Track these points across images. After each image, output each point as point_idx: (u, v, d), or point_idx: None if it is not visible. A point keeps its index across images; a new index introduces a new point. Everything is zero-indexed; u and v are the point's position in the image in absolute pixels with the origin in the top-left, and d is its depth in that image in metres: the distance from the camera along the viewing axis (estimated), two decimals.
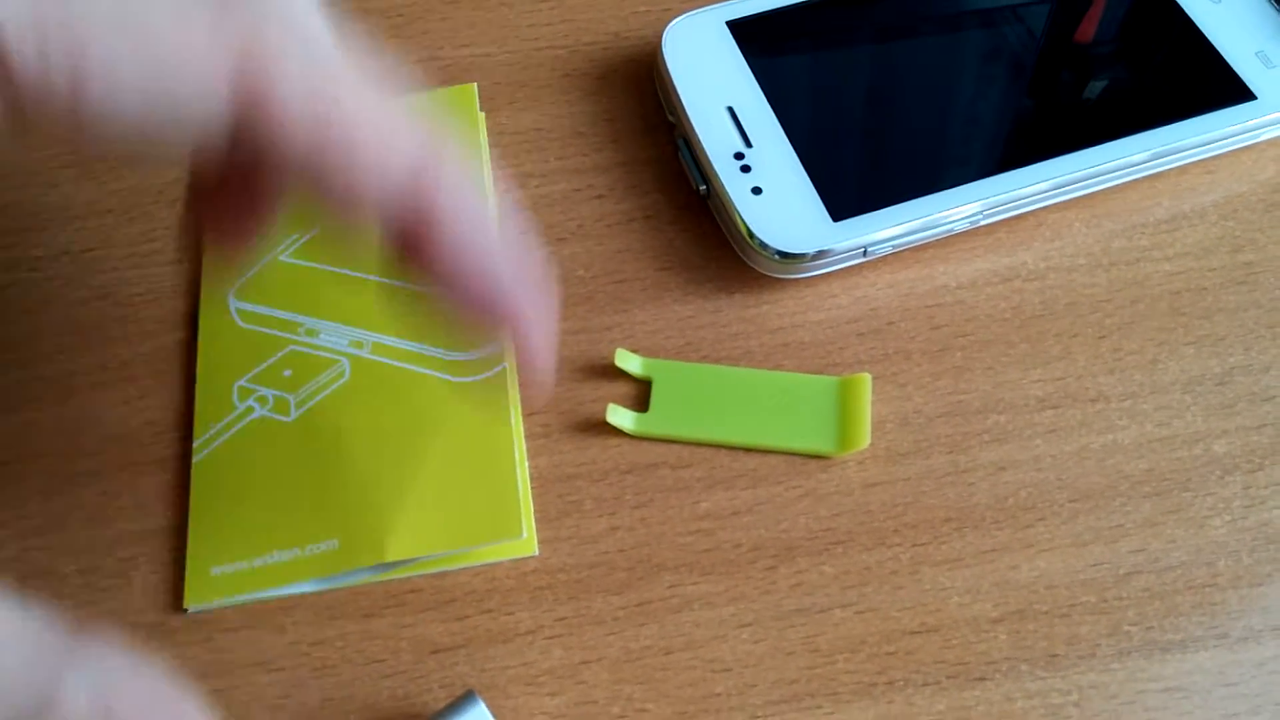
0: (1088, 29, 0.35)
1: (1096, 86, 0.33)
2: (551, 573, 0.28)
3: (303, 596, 0.27)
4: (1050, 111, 0.33)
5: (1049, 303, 0.31)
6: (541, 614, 0.27)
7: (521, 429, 0.29)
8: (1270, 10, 0.34)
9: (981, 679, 0.26)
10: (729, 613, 0.27)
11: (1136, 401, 0.30)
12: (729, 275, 0.32)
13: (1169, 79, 0.33)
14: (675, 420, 0.29)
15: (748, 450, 0.29)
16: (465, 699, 0.25)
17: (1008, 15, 0.35)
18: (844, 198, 0.31)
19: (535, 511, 0.28)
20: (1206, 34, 0.34)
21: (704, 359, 0.31)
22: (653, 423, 0.29)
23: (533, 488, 0.29)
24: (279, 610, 0.27)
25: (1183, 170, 0.33)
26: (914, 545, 0.28)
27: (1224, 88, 0.33)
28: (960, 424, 0.29)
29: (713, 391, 0.30)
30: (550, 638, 0.27)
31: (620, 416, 0.29)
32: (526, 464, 0.29)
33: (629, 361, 0.30)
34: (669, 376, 0.30)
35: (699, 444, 0.29)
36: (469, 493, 0.27)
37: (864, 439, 0.29)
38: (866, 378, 0.29)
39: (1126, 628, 0.27)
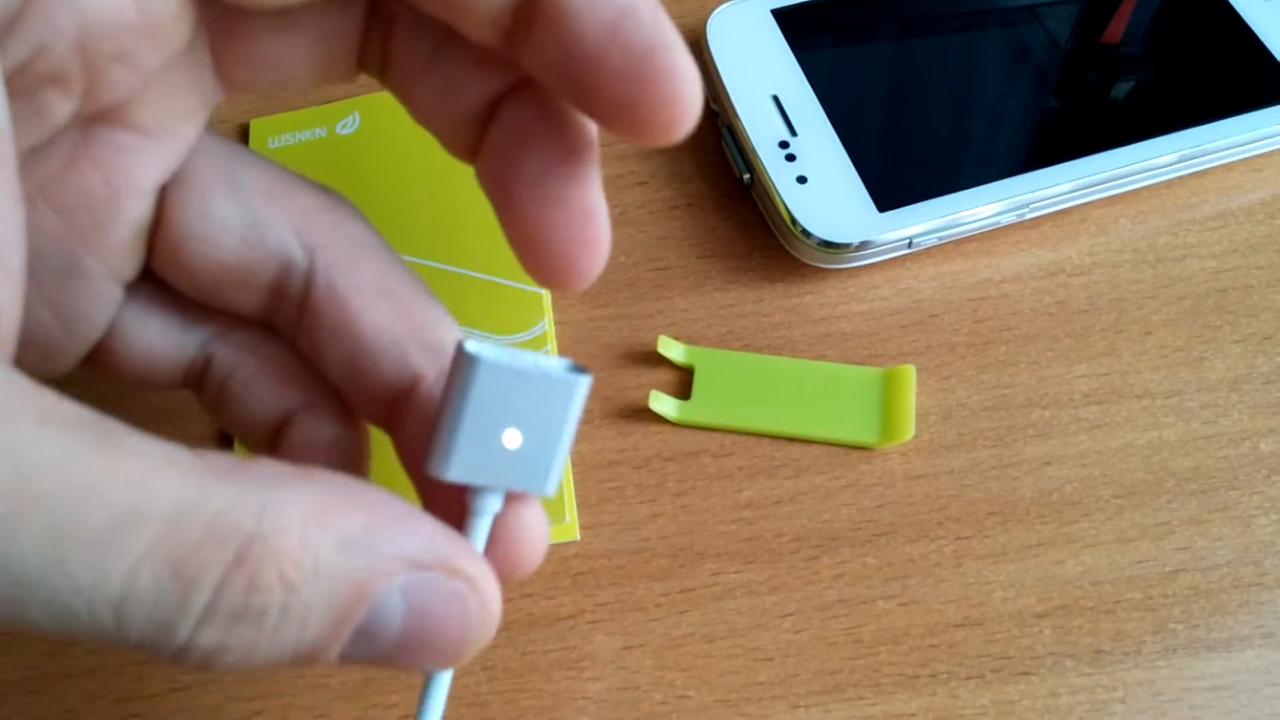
0: (1150, 29, 0.35)
1: (1145, 82, 0.33)
2: (593, 558, 0.28)
3: None
4: (1098, 107, 0.33)
5: (1094, 298, 0.31)
6: (583, 599, 0.27)
7: None
8: None
9: (1026, 673, 0.26)
10: (771, 602, 0.27)
11: (1182, 399, 0.29)
12: (771, 264, 0.32)
13: (1218, 75, 0.33)
14: (718, 408, 0.29)
15: (790, 440, 0.29)
16: (466, 367, 0.18)
17: (1057, 9, 0.35)
18: (889, 188, 0.31)
19: (577, 497, 0.28)
20: (1256, 31, 0.33)
21: (745, 347, 0.30)
22: (695, 410, 0.29)
23: (574, 474, 0.29)
24: None
25: (1229, 167, 0.33)
26: (957, 538, 0.28)
27: (1273, 84, 0.32)
28: (1004, 418, 0.29)
29: (755, 380, 0.29)
30: (592, 623, 0.27)
31: (663, 404, 0.29)
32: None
33: (672, 349, 0.30)
34: (712, 364, 0.30)
35: (741, 433, 0.29)
36: None
37: (908, 431, 0.28)
38: (911, 369, 0.29)
39: (1172, 625, 0.26)
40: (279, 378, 0.22)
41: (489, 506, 0.19)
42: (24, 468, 0.14)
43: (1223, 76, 0.33)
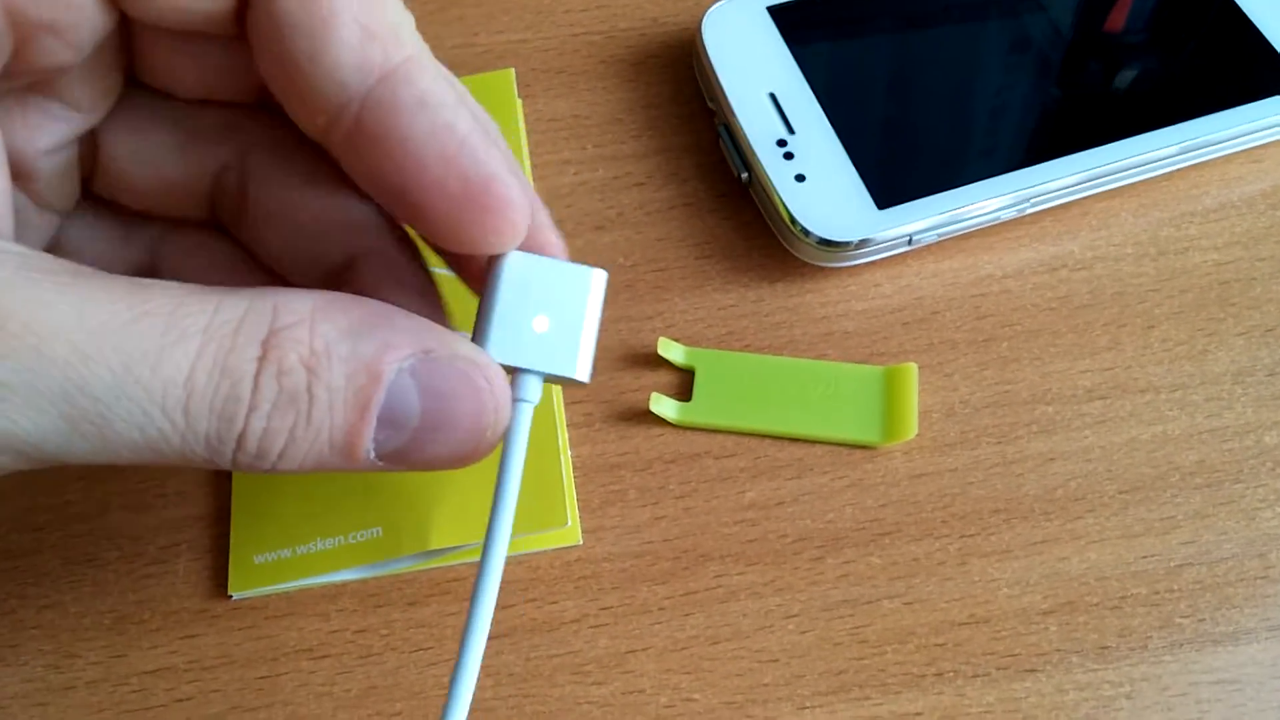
0: (1149, 21, 0.34)
1: (1144, 74, 0.33)
2: (596, 562, 0.27)
3: (347, 584, 0.27)
4: (1096, 100, 0.33)
5: (1096, 292, 0.31)
6: (586, 603, 0.27)
7: (564, 418, 0.29)
8: None
9: (1032, 670, 0.26)
10: (775, 603, 0.27)
11: (1186, 392, 0.29)
12: (771, 263, 0.32)
13: (1216, 67, 0.33)
14: (719, 410, 0.29)
15: (793, 440, 0.29)
16: (494, 265, 0.21)
17: (1051, 2, 0.35)
18: (888, 185, 0.31)
19: (579, 501, 0.28)
20: (1256, 22, 0.33)
21: (746, 348, 0.30)
22: (696, 412, 0.29)
23: (576, 477, 0.28)
24: (323, 598, 0.27)
25: (1229, 159, 0.33)
26: (962, 536, 0.27)
27: (1273, 76, 0.32)
28: (1007, 414, 0.29)
29: (756, 381, 0.29)
30: (595, 626, 0.27)
31: (664, 406, 0.29)
32: (569, 453, 0.29)
33: (672, 350, 0.30)
34: (712, 365, 0.30)
35: (743, 434, 0.29)
36: None
37: (911, 429, 0.28)
38: (913, 367, 0.29)
39: (1178, 620, 0.26)
40: (225, 271, 0.24)
41: (530, 393, 0.21)
42: (86, 311, 0.17)
43: (1222, 68, 0.33)
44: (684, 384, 0.30)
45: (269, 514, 0.27)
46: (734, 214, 0.32)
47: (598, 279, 0.22)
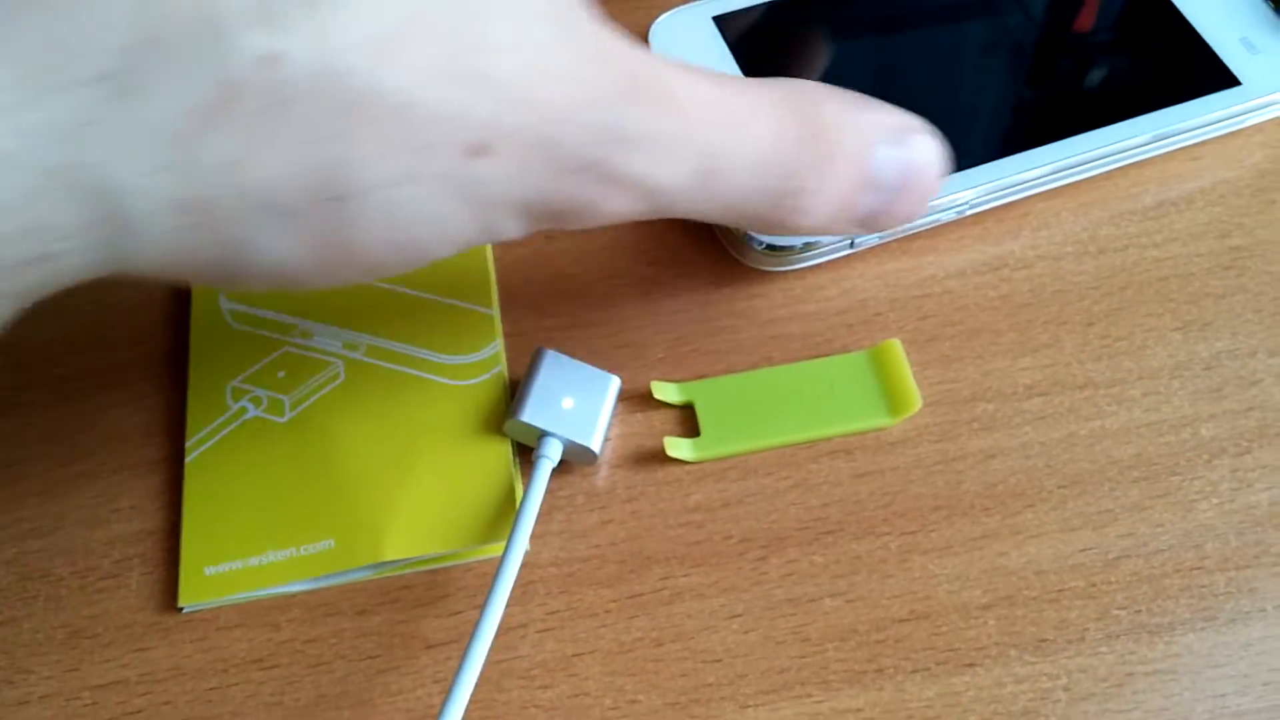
0: (1083, 19, 0.35)
1: (1083, 74, 0.33)
2: (543, 567, 0.28)
3: (296, 595, 0.28)
4: (1037, 100, 0.33)
5: (1037, 290, 0.31)
6: (533, 608, 0.27)
7: None
8: None
9: (971, 665, 0.26)
10: (719, 604, 0.27)
11: (1124, 388, 0.30)
12: (718, 269, 0.32)
13: (1154, 66, 0.33)
14: (730, 436, 0.29)
15: (811, 444, 0.29)
16: (536, 355, 0.29)
17: (993, 5, 0.35)
18: None
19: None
20: (1191, 20, 0.34)
21: (694, 352, 0.31)
22: (710, 445, 0.29)
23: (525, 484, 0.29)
24: (273, 608, 0.27)
25: (1169, 157, 0.33)
26: (903, 534, 0.28)
27: (1209, 74, 0.33)
28: (948, 413, 0.29)
29: (755, 397, 0.30)
30: (542, 631, 0.27)
31: (679, 448, 0.29)
32: (519, 464, 0.29)
33: (666, 391, 0.30)
34: (709, 394, 0.30)
35: (760, 452, 0.29)
36: (464, 493, 0.28)
37: (915, 401, 0.29)
38: (896, 343, 0.30)
39: (1115, 611, 0.27)
40: None
41: (551, 452, 0.28)
42: (711, 91, 0.22)
43: (1161, 67, 0.33)
44: (686, 419, 0.30)
45: (219, 526, 0.28)
46: (680, 221, 0.33)
47: (615, 383, 0.29)
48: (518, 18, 0.19)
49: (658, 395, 0.29)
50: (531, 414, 0.28)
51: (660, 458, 0.29)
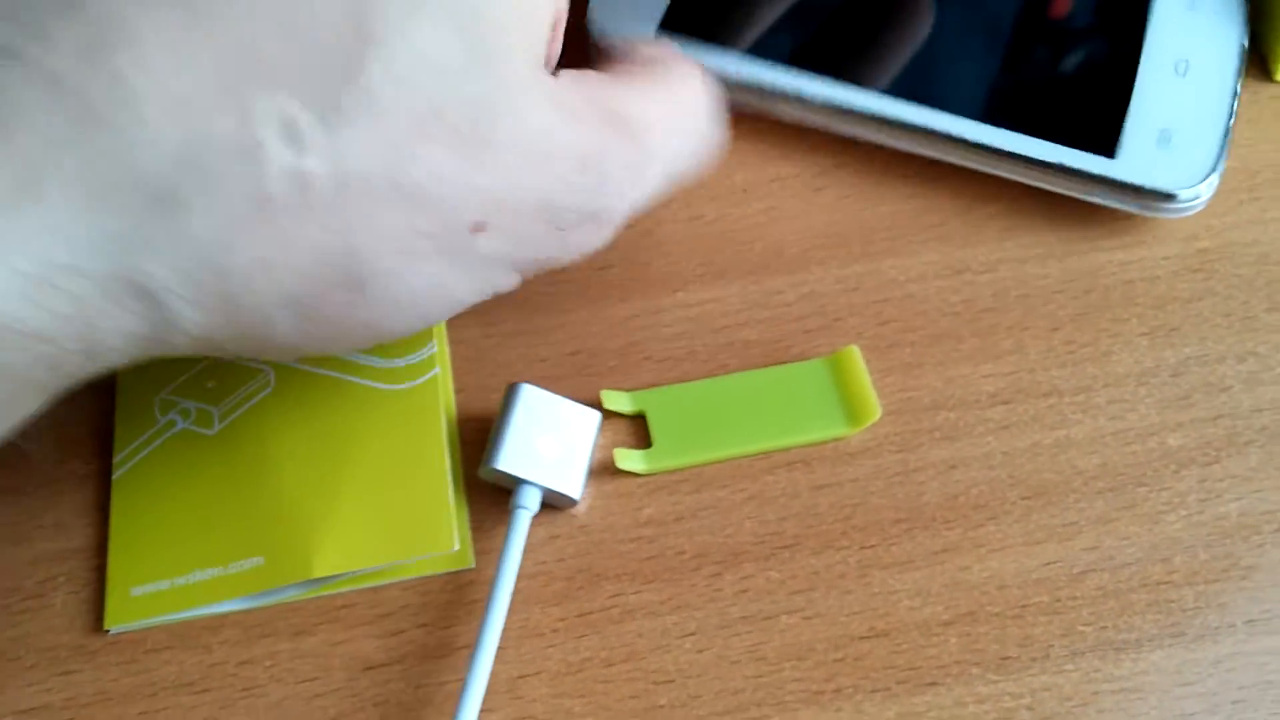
0: (1059, 6, 0.33)
1: (998, 62, 0.32)
2: (489, 584, 0.27)
3: (229, 615, 0.26)
4: (941, 65, 0.32)
5: (1000, 295, 0.30)
6: (479, 627, 0.26)
7: (457, 438, 0.28)
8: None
9: (933, 684, 0.25)
10: (672, 622, 0.26)
11: (1090, 395, 0.29)
12: (670, 274, 0.31)
13: (1056, 91, 0.31)
14: (683, 447, 0.28)
15: (768, 455, 0.28)
16: (511, 391, 0.27)
17: None
18: None
19: (473, 522, 0.27)
20: (1138, 77, 0.31)
21: (647, 359, 0.30)
22: (662, 456, 0.28)
23: (470, 498, 0.28)
24: (205, 629, 0.26)
25: None
26: (862, 548, 0.27)
27: (1093, 133, 0.30)
28: (909, 422, 0.29)
29: (710, 406, 0.28)
30: None
31: (631, 460, 0.28)
32: (462, 474, 0.28)
33: (617, 400, 0.29)
34: (662, 403, 0.29)
35: (713, 464, 0.28)
36: (399, 505, 0.26)
37: (874, 410, 0.28)
38: (854, 350, 0.29)
39: (1080, 628, 0.26)
40: None
41: (529, 502, 0.26)
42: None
43: (1058, 96, 0.31)
44: (636, 430, 0.29)
45: (146, 544, 0.26)
46: (630, 224, 0.32)
47: (595, 419, 0.28)
48: (514, 109, 0.21)
49: (608, 405, 0.28)
50: (508, 461, 0.26)
51: (610, 470, 0.28)
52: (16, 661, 0.26)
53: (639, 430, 0.29)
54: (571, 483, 0.27)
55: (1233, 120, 0.31)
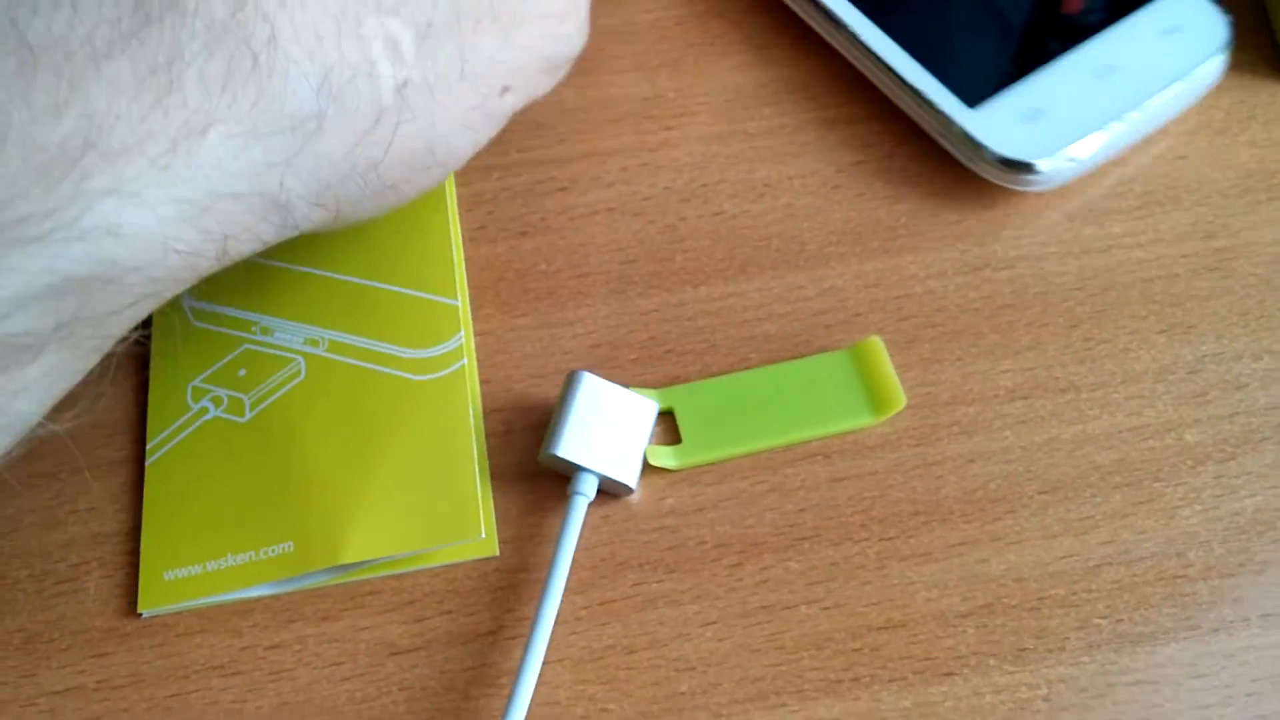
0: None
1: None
2: (513, 572, 0.27)
3: (259, 599, 0.27)
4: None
5: (1019, 292, 0.31)
6: (503, 614, 0.27)
7: (482, 428, 0.29)
8: None
9: (949, 674, 0.26)
10: (693, 611, 0.27)
11: (1108, 391, 0.29)
12: (691, 269, 0.31)
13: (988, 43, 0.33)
14: (712, 442, 0.28)
15: (789, 447, 0.29)
16: (571, 379, 0.28)
17: None
18: None
19: (497, 511, 0.28)
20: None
21: (669, 353, 0.30)
22: (693, 452, 0.28)
23: (494, 487, 0.28)
24: (235, 613, 0.27)
25: (1158, 157, 0.32)
26: (881, 540, 0.27)
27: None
28: (928, 416, 0.29)
29: (736, 400, 0.29)
30: (512, 638, 0.26)
31: (663, 456, 0.28)
32: (488, 463, 0.28)
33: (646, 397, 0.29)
34: (689, 400, 0.29)
35: (742, 457, 0.28)
36: (426, 493, 0.27)
37: (899, 399, 0.28)
38: (877, 340, 0.29)
39: (1096, 620, 0.26)
40: None
41: (587, 489, 0.27)
42: None
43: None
44: (662, 423, 0.29)
45: (179, 529, 0.27)
46: (654, 220, 0.32)
47: (652, 408, 0.28)
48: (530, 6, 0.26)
49: None
50: (567, 448, 0.27)
51: None
52: (50, 644, 0.27)
53: (666, 425, 0.29)
54: (629, 471, 0.27)
55: (1131, 139, 0.32)
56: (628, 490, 0.27)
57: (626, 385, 0.29)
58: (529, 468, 0.28)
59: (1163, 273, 0.31)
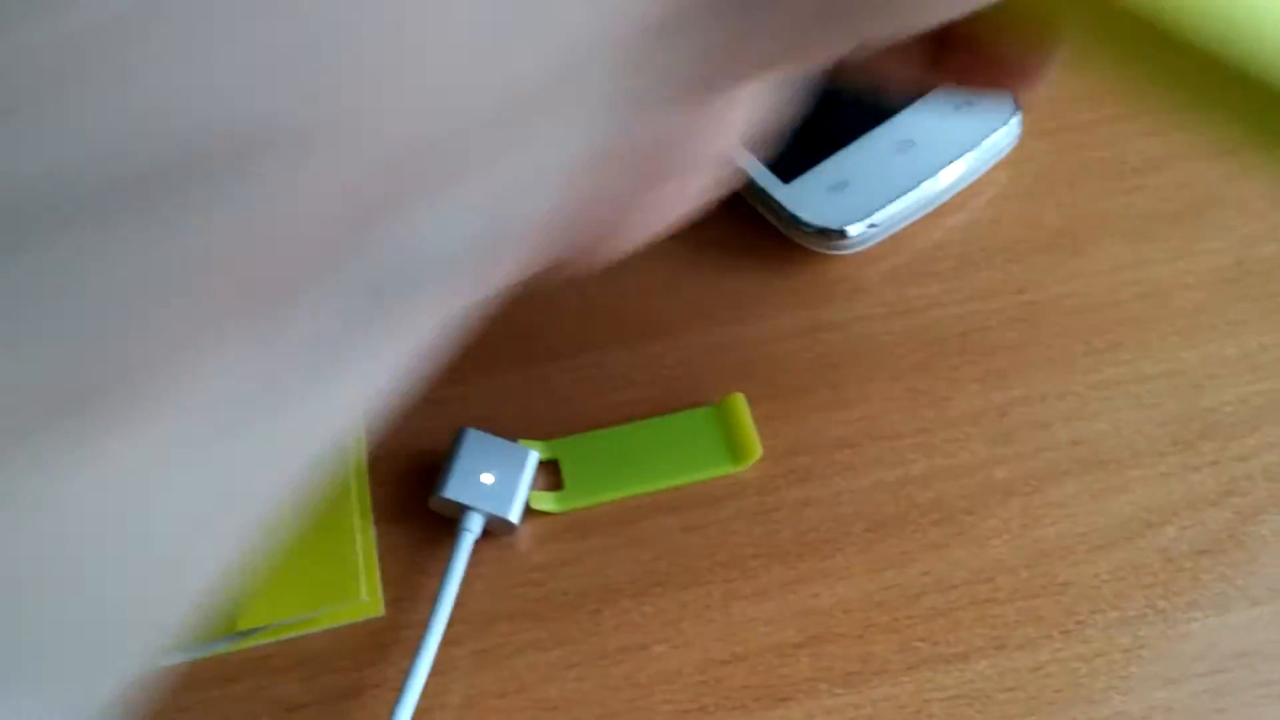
0: None
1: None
2: (398, 629, 0.30)
3: (165, 667, 0.30)
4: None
5: (849, 350, 0.34)
6: (388, 668, 0.30)
7: (368, 494, 0.32)
8: None
9: (785, 699, 0.29)
10: (558, 655, 0.30)
11: (928, 436, 0.33)
12: (548, 338, 0.35)
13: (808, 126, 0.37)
14: (590, 488, 0.32)
15: (642, 501, 0.32)
16: (459, 434, 0.31)
17: None
18: None
19: (384, 572, 0.31)
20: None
21: (549, 412, 0.33)
22: (572, 497, 0.32)
23: (382, 548, 0.31)
24: None
25: (974, 220, 0.36)
26: (725, 581, 0.31)
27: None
28: (767, 467, 0.32)
29: (614, 450, 0.32)
30: (394, 690, 0.29)
31: (544, 501, 0.31)
32: (371, 529, 0.31)
33: (535, 449, 0.32)
34: (573, 450, 0.32)
35: (616, 501, 0.32)
36: (311, 559, 0.30)
37: (755, 450, 0.32)
38: (740, 396, 0.33)
39: (915, 643, 0.30)
40: None
41: (473, 525, 0.30)
42: None
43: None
44: (545, 473, 0.32)
45: None
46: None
47: (532, 456, 0.31)
48: None
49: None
50: (453, 490, 0.30)
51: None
52: None
53: (551, 475, 0.32)
54: (512, 510, 0.31)
55: (932, 204, 0.36)
56: (510, 527, 0.31)
57: (514, 439, 0.32)
58: (417, 532, 0.31)
59: (977, 325, 0.34)
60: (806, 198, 0.35)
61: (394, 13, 0.12)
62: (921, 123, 0.36)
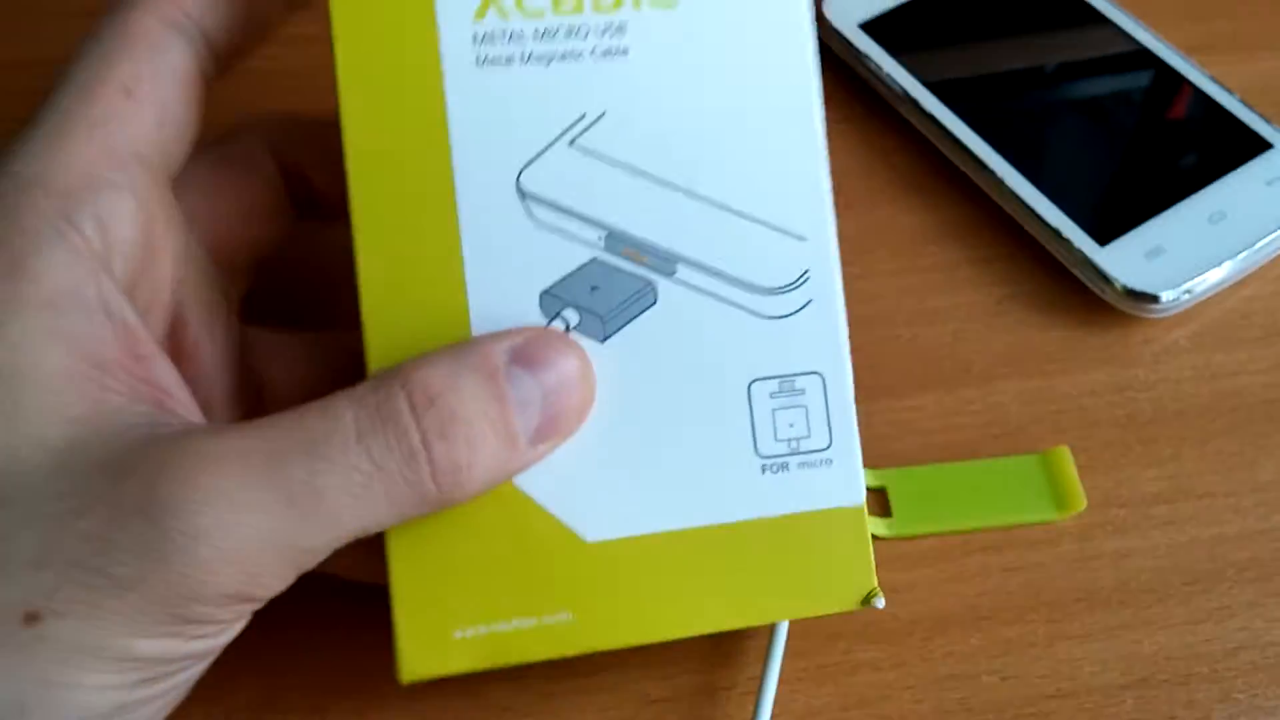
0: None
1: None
2: (742, 639, 0.33)
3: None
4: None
5: (1159, 410, 0.36)
6: (736, 673, 0.32)
7: None
8: None
9: None
10: (893, 676, 0.32)
11: (1239, 498, 0.34)
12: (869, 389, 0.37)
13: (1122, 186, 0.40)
14: (918, 518, 0.34)
15: (964, 540, 0.34)
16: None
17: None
18: None
19: None
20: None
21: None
22: (901, 524, 0.34)
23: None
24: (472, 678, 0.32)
25: (1277, 290, 0.38)
26: (1049, 621, 0.33)
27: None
28: (1085, 517, 0.34)
29: (940, 486, 0.35)
30: (745, 693, 0.32)
31: (875, 525, 0.34)
32: None
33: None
34: (900, 481, 0.35)
35: (940, 535, 0.34)
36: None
37: (1080, 501, 0.34)
38: (1065, 449, 0.35)
39: (1236, 695, 0.31)
40: None
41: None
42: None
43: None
44: (872, 500, 0.35)
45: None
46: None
47: None
48: None
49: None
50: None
51: None
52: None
53: (877, 502, 0.35)
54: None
55: (1242, 274, 0.38)
56: None
57: None
58: None
59: None
60: (1123, 261, 0.37)
61: None
62: (1234, 195, 0.38)
